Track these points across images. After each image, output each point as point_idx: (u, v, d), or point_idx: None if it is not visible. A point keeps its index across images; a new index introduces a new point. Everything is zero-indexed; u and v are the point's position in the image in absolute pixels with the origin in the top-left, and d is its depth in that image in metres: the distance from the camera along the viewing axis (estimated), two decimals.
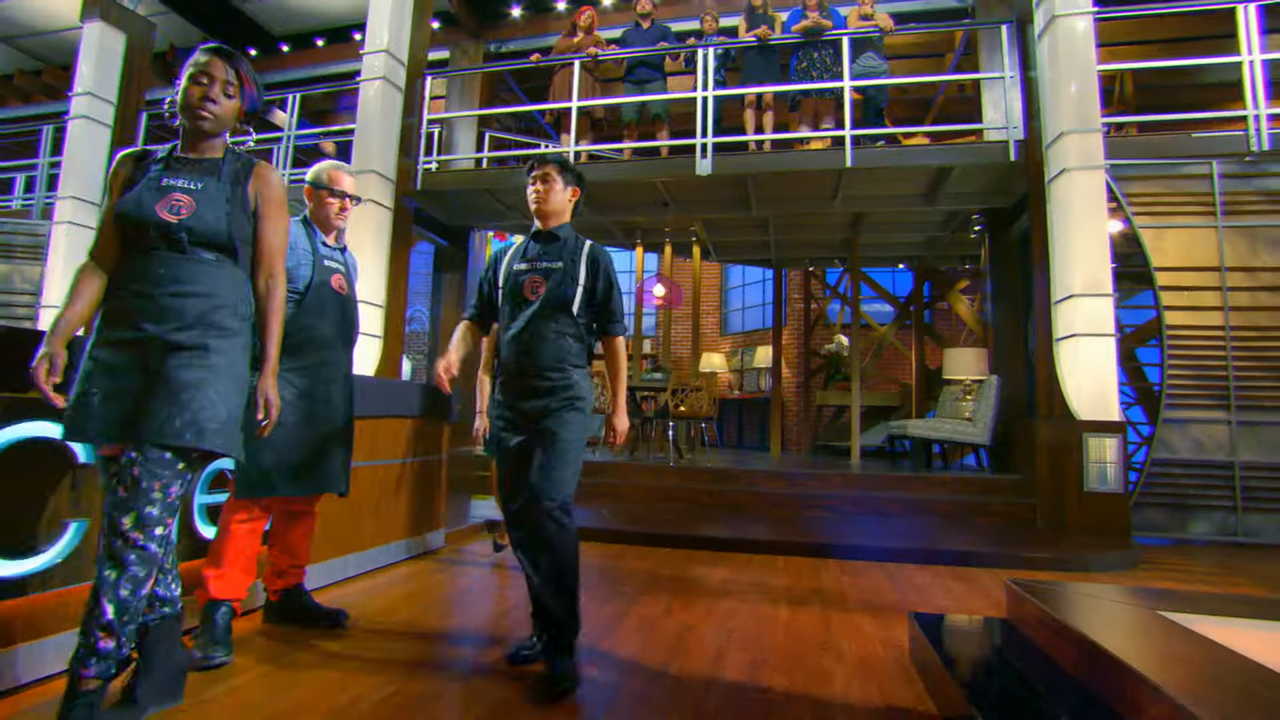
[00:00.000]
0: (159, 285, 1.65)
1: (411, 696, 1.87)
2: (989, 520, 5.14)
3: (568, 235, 2.28)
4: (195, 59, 1.76)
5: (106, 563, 1.55)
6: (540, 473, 2.05)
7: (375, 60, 6.63)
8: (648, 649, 2.34)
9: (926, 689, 2.01)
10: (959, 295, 8.35)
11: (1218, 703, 1.27)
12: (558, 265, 2.19)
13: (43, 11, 9.28)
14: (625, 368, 2.33)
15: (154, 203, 1.67)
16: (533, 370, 2.14)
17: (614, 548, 4.17)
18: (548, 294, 2.16)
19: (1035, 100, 5.47)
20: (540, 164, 2.26)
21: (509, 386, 2.21)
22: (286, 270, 2.36)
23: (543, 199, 2.23)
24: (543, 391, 2.14)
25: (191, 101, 1.74)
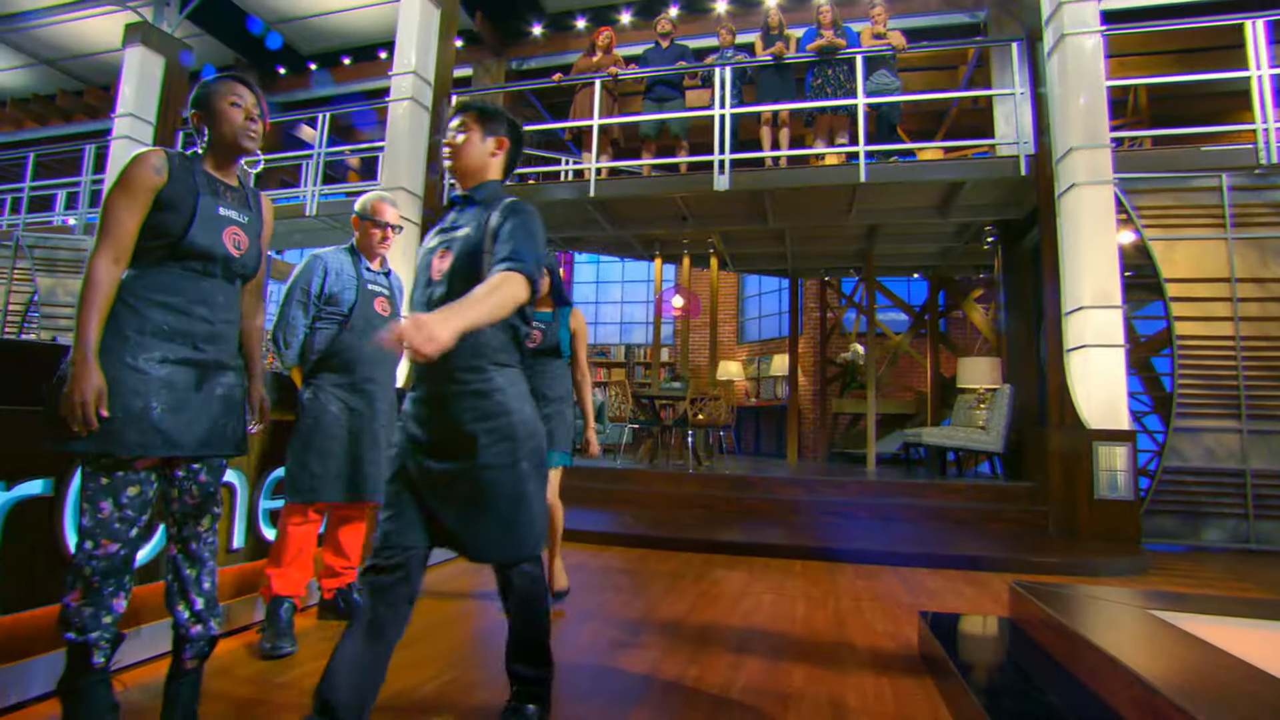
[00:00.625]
0: (217, 312, 1.81)
1: (465, 684, 2.07)
2: (1002, 527, 5.26)
3: (489, 196, 1.81)
4: (225, 85, 1.85)
5: (185, 564, 1.75)
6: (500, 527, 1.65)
7: (403, 81, 6.89)
8: (675, 644, 2.52)
9: (934, 681, 2.17)
10: (973, 304, 8.46)
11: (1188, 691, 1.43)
12: (465, 232, 1.74)
13: (85, 36, 9.69)
14: (491, 297, 1.51)
15: (220, 234, 1.79)
16: (441, 372, 1.66)
17: (637, 551, 4.36)
18: (453, 269, 1.71)
19: (1045, 116, 5.60)
20: (460, 112, 1.86)
21: (416, 395, 1.76)
22: (333, 294, 2.60)
23: (455, 153, 1.82)
24: (453, 399, 1.66)
25: (236, 123, 1.82)
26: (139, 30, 8.46)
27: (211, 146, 1.84)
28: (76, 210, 9.32)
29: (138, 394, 1.65)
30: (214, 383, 1.81)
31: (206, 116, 1.82)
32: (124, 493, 1.66)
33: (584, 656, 2.36)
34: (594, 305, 13.82)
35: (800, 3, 7.96)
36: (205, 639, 1.75)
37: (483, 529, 1.63)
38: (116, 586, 1.67)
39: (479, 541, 1.64)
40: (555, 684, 2.09)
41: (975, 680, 1.95)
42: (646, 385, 11.21)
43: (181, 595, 1.74)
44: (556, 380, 3.05)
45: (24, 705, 1.79)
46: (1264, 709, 1.34)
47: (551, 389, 3.02)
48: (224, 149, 1.83)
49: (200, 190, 1.76)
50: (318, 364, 2.59)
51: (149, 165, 1.69)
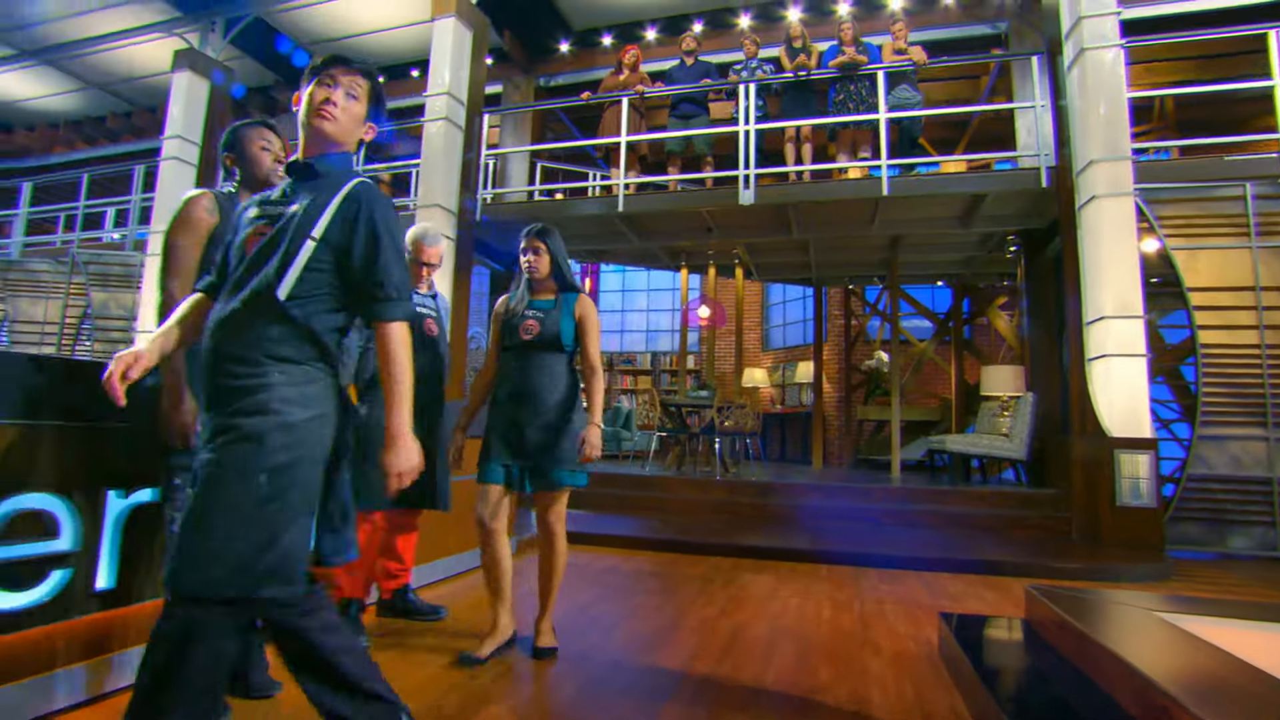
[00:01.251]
0: None
1: (521, 671, 2.28)
2: (1025, 533, 5.34)
3: (332, 170, 1.55)
4: (255, 131, 2.10)
5: None
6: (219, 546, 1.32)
7: (438, 102, 7.16)
8: (707, 643, 2.70)
9: (953, 681, 2.32)
10: (997, 311, 8.52)
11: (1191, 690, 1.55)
12: (294, 208, 1.48)
13: (135, 61, 10.15)
14: (406, 372, 1.57)
15: None
16: (218, 365, 1.42)
17: (667, 556, 4.54)
18: (259, 252, 1.46)
19: (1066, 128, 5.69)
20: (363, 75, 1.59)
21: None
22: None
23: (336, 115, 1.54)
24: (221, 394, 1.40)
25: (266, 166, 2.08)
26: (186, 56, 8.87)
27: (244, 185, 2.09)
28: (126, 227, 9.79)
29: None
30: None
31: (239, 159, 2.08)
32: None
33: (620, 655, 2.54)
34: (620, 314, 14.05)
35: (821, 16, 8.10)
36: None
37: (198, 546, 1.31)
38: None
39: (219, 566, 1.30)
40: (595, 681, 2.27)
41: (992, 679, 2.09)
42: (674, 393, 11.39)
43: None
44: (557, 380, 2.48)
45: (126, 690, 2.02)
46: (1269, 710, 1.41)
47: (550, 391, 2.46)
48: (256, 188, 2.07)
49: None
50: (373, 381, 2.79)
51: (202, 206, 1.95)
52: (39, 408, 1.81)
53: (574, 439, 2.45)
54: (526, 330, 2.47)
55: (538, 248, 2.53)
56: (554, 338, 2.47)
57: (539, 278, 2.55)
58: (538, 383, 2.46)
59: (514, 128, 9.24)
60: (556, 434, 2.44)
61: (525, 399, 2.45)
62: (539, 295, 2.57)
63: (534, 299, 2.55)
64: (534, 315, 2.50)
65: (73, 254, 9.08)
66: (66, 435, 1.88)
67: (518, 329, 2.48)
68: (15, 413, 1.76)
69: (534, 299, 2.55)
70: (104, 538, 1.95)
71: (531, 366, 2.47)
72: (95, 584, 1.93)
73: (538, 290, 2.58)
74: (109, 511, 1.97)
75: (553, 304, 2.54)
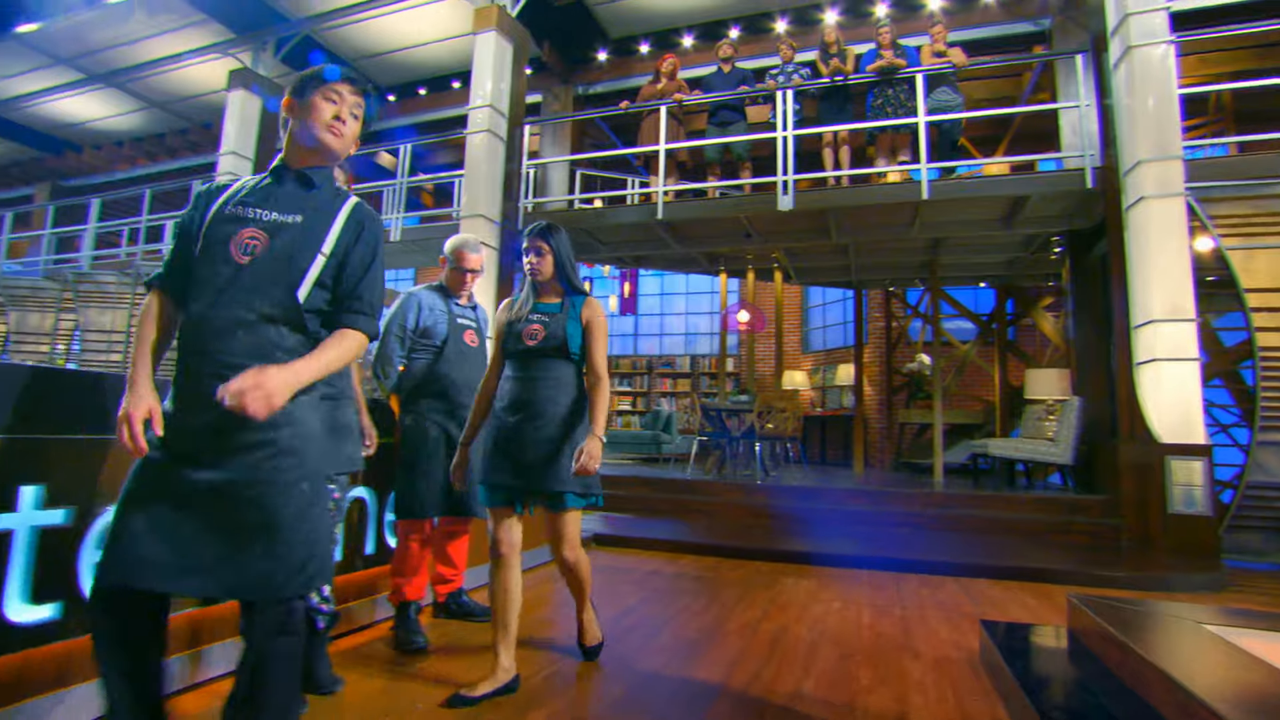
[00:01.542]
0: None
1: (567, 674, 2.38)
2: (1072, 539, 5.27)
3: (325, 181, 1.62)
4: None
5: None
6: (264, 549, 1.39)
7: (480, 114, 7.36)
8: (750, 645, 2.77)
9: (994, 688, 2.35)
10: (1043, 312, 8.36)
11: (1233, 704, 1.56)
12: (293, 219, 1.53)
13: (192, 80, 10.63)
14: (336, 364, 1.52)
15: None
16: (211, 368, 1.42)
17: (710, 560, 4.61)
18: (264, 261, 1.49)
19: (1111, 127, 5.59)
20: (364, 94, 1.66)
21: (178, 394, 1.48)
22: (427, 328, 2.91)
23: (344, 132, 1.61)
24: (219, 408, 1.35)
25: None
26: (240, 76, 9.28)
27: None
28: None
29: None
30: (342, 412, 2.21)
31: None
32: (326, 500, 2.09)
33: (665, 658, 2.63)
34: (659, 317, 14.15)
35: (858, 18, 8.08)
36: (333, 614, 2.21)
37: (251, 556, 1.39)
38: None
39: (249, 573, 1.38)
40: (641, 684, 2.35)
41: (1033, 688, 2.12)
42: (713, 395, 11.43)
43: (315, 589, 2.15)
44: (563, 390, 2.31)
45: (224, 677, 2.20)
46: None
47: (555, 402, 2.29)
48: None
49: None
50: (415, 392, 2.89)
51: None
52: None
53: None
54: (530, 335, 2.30)
55: (540, 248, 2.35)
56: (560, 343, 2.29)
57: (543, 280, 2.37)
58: (542, 393, 2.28)
59: (553, 136, 9.42)
60: (561, 449, 2.24)
61: (528, 410, 2.27)
62: (544, 298, 2.40)
63: (539, 302, 2.39)
64: (538, 320, 2.33)
65: (136, 266, 9.56)
66: None
67: (521, 334, 2.32)
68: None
69: (539, 302, 2.39)
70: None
71: (536, 375, 2.31)
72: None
73: (543, 293, 2.40)
74: None
75: (559, 307, 2.36)
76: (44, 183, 13.58)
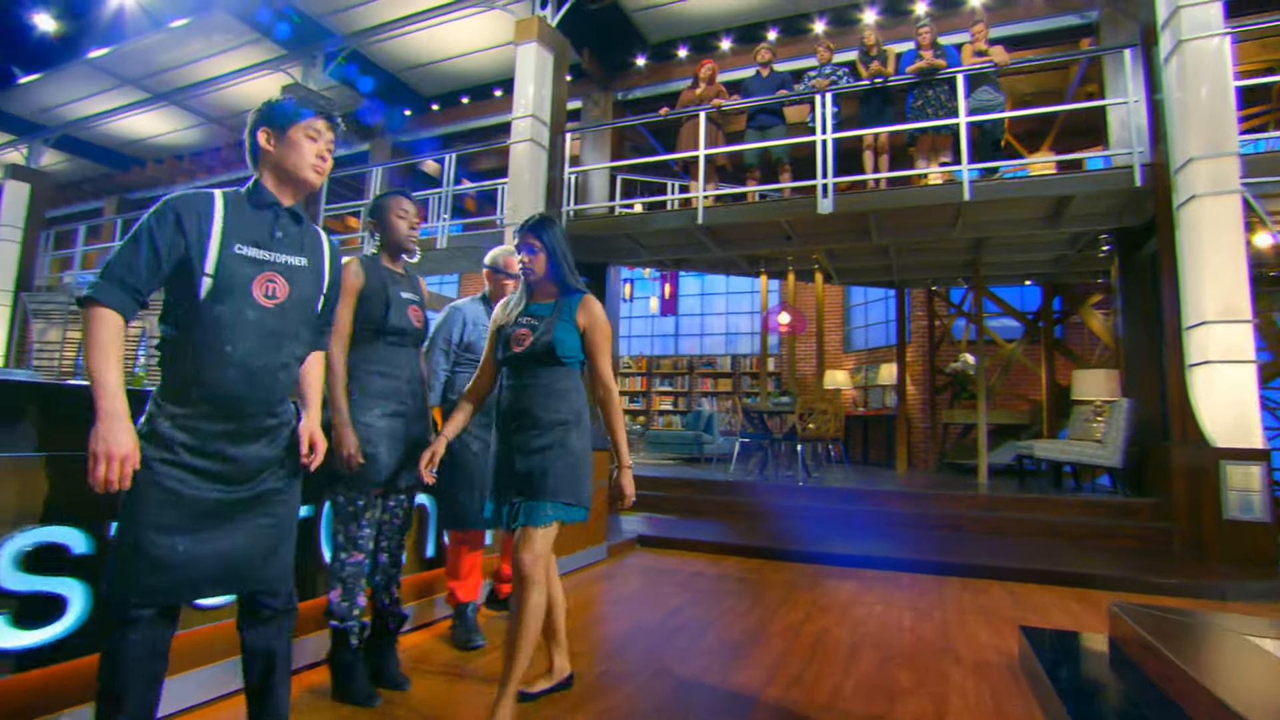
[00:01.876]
0: (412, 373, 2.42)
1: (616, 674, 2.51)
2: (1121, 544, 5.19)
3: (306, 216, 1.78)
4: (394, 201, 2.39)
5: (390, 566, 2.37)
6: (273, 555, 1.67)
7: (522, 124, 7.54)
8: (793, 647, 2.86)
9: (1032, 693, 2.40)
10: (1092, 310, 8.19)
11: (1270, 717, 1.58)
12: (300, 262, 1.71)
13: (247, 96, 11.07)
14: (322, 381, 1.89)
15: (406, 313, 2.37)
16: (259, 404, 1.64)
17: (753, 562, 4.70)
18: (293, 302, 1.68)
19: (1162, 123, 5.47)
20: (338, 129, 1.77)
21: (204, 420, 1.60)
22: (470, 341, 3.03)
23: (324, 170, 1.73)
24: (270, 433, 1.67)
25: (403, 232, 2.41)
26: (292, 92, 9.65)
27: (384, 247, 2.44)
28: None
29: (370, 442, 2.26)
30: (414, 428, 2.36)
31: (380, 225, 2.41)
32: (365, 517, 2.23)
33: (710, 659, 2.74)
34: (700, 317, 14.23)
35: (898, 16, 8.02)
36: (401, 616, 2.39)
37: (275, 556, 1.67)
38: (360, 587, 2.24)
39: (268, 573, 1.65)
40: (686, 685, 2.46)
41: (1070, 697, 2.16)
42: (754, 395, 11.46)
43: (385, 589, 2.36)
44: (556, 399, 2.11)
45: (299, 671, 2.39)
46: None
47: (546, 411, 2.09)
48: (394, 249, 2.44)
49: (387, 282, 2.35)
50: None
51: (351, 271, 2.30)
52: None
53: (571, 466, 2.07)
54: (518, 341, 2.11)
55: (531, 244, 2.17)
56: (547, 348, 2.08)
57: (535, 279, 2.19)
58: (531, 402, 2.09)
59: (594, 141, 9.57)
60: (549, 459, 2.05)
61: (520, 421, 2.10)
62: (538, 299, 2.21)
63: (531, 303, 2.20)
64: (527, 323, 2.13)
65: None
66: None
67: (509, 339, 2.14)
68: None
69: (531, 303, 2.20)
70: None
71: (527, 383, 2.11)
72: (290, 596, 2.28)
73: (536, 293, 2.22)
74: None
75: (551, 309, 2.16)
76: (112, 196, 14.32)
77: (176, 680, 1.97)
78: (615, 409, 2.16)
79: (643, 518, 6.01)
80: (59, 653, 1.74)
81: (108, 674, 1.49)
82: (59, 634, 1.74)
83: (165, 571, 1.50)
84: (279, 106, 1.69)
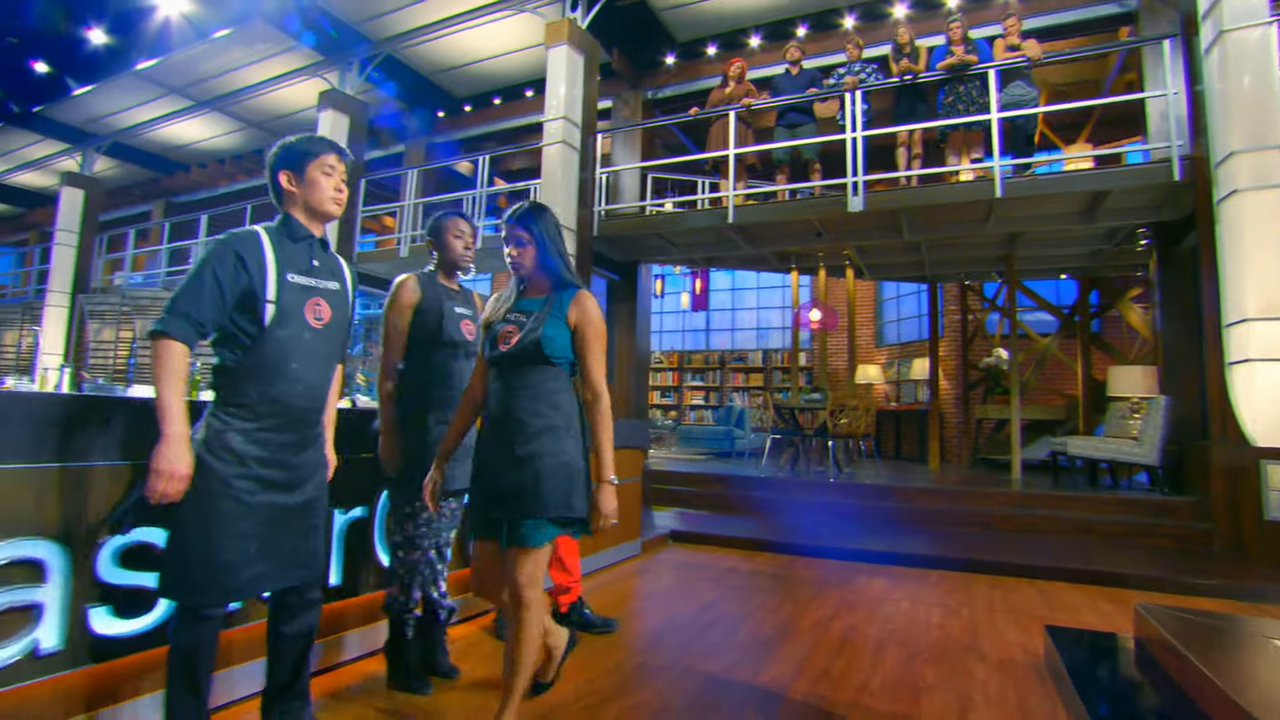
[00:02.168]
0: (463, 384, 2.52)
1: (651, 667, 2.64)
2: (1157, 544, 5.15)
3: (329, 243, 2.02)
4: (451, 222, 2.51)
5: (439, 561, 2.49)
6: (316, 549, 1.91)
7: (554, 126, 7.66)
8: (821, 642, 2.96)
9: (1057, 692, 2.45)
10: (1130, 304, 8.06)
11: None
12: (335, 286, 1.97)
13: (284, 101, 11.40)
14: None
15: (459, 326, 2.50)
16: (308, 418, 1.90)
17: (783, 558, 4.79)
18: (331, 328, 1.94)
19: (1202, 116, 5.38)
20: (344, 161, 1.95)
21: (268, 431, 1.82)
22: None
23: (342, 201, 1.94)
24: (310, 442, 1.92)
25: (458, 251, 2.55)
26: (329, 96, 9.92)
27: (440, 265, 2.58)
28: None
29: (425, 449, 2.36)
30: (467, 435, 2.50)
31: (437, 244, 2.54)
32: (421, 518, 2.38)
33: (741, 653, 2.85)
34: (731, 312, 14.27)
35: (929, 10, 7.95)
36: (449, 608, 2.54)
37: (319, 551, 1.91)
38: (416, 582, 2.39)
39: (315, 563, 1.89)
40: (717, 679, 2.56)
41: (1091, 695, 2.21)
42: (786, 390, 11.48)
43: (433, 582, 2.49)
44: (545, 403, 1.95)
45: (356, 660, 2.57)
46: None
47: (534, 416, 1.93)
48: (449, 267, 2.58)
49: (442, 298, 2.50)
50: None
51: (408, 288, 2.47)
52: None
53: (563, 477, 1.89)
54: (504, 339, 1.97)
55: (519, 236, 2.02)
56: (533, 348, 1.93)
57: (524, 273, 2.05)
58: (517, 406, 1.94)
59: (624, 140, 9.66)
60: (538, 470, 1.87)
61: (504, 427, 1.95)
62: (529, 294, 2.07)
63: (521, 298, 2.06)
64: (514, 320, 2.00)
65: None
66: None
67: (496, 338, 2.00)
68: None
69: (521, 298, 2.06)
70: (332, 546, 2.48)
71: (514, 385, 1.96)
72: (328, 581, 2.45)
73: (529, 288, 2.08)
74: (335, 525, 2.50)
75: (541, 304, 2.01)
76: (159, 200, 14.85)
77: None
78: (602, 415, 1.96)
79: (675, 513, 6.13)
80: (153, 640, 1.94)
81: (186, 667, 1.68)
82: (151, 624, 1.94)
83: (239, 572, 1.70)
84: (293, 149, 1.88)
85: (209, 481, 1.68)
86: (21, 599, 1.68)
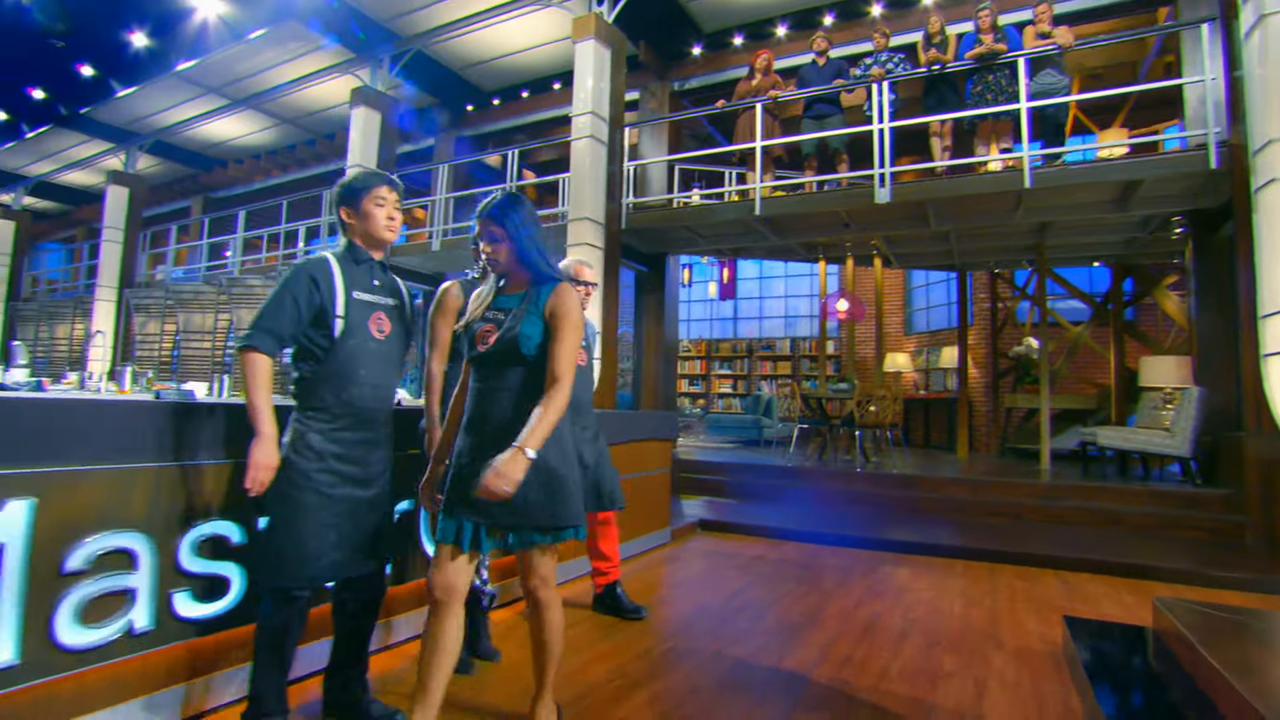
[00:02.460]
0: None
1: (680, 651, 2.78)
2: (1188, 536, 5.15)
3: (388, 265, 2.28)
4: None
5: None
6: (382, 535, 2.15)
7: (582, 120, 7.75)
8: (846, 629, 3.07)
9: (1072, 682, 2.54)
10: (1166, 292, 7.93)
11: None
12: (393, 303, 2.21)
13: (317, 97, 11.65)
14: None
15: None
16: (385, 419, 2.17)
17: (809, 547, 4.90)
18: (391, 339, 2.17)
19: (1241, 102, 5.28)
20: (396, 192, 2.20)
21: (345, 430, 2.05)
22: None
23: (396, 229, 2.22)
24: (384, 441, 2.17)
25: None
26: (361, 94, 10.13)
27: (483, 273, 2.67)
28: (317, 243, 11.33)
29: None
30: None
31: (479, 251, 2.65)
32: None
33: (767, 639, 2.97)
34: (758, 300, 14.29)
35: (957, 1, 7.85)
36: (491, 594, 2.73)
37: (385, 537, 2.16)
38: None
39: (382, 551, 2.14)
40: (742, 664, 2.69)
41: (1103, 685, 2.28)
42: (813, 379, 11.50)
43: (475, 572, 2.61)
44: (525, 403, 1.86)
45: (400, 644, 2.76)
46: None
47: (518, 417, 1.84)
48: (484, 275, 2.67)
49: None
50: None
51: (451, 294, 2.62)
52: None
53: (545, 484, 1.84)
54: (482, 339, 1.91)
55: (492, 231, 1.94)
56: (510, 348, 1.87)
57: (501, 269, 1.99)
58: (499, 407, 1.88)
59: (652, 131, 9.72)
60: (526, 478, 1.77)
61: (485, 429, 1.88)
62: (508, 290, 2.00)
63: (500, 295, 1.99)
64: (492, 318, 1.93)
65: (279, 269, 10.72)
66: None
67: (474, 337, 1.95)
68: None
69: (500, 295, 1.99)
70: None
71: (494, 386, 1.90)
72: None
73: (509, 284, 2.01)
74: None
75: (519, 300, 1.94)
76: (198, 196, 15.29)
77: None
78: (553, 398, 1.80)
79: (704, 502, 6.26)
80: (226, 622, 2.14)
81: (275, 643, 1.91)
82: (225, 608, 2.14)
83: (323, 558, 1.93)
84: (349, 187, 2.12)
85: (294, 476, 1.92)
86: (118, 584, 1.89)
